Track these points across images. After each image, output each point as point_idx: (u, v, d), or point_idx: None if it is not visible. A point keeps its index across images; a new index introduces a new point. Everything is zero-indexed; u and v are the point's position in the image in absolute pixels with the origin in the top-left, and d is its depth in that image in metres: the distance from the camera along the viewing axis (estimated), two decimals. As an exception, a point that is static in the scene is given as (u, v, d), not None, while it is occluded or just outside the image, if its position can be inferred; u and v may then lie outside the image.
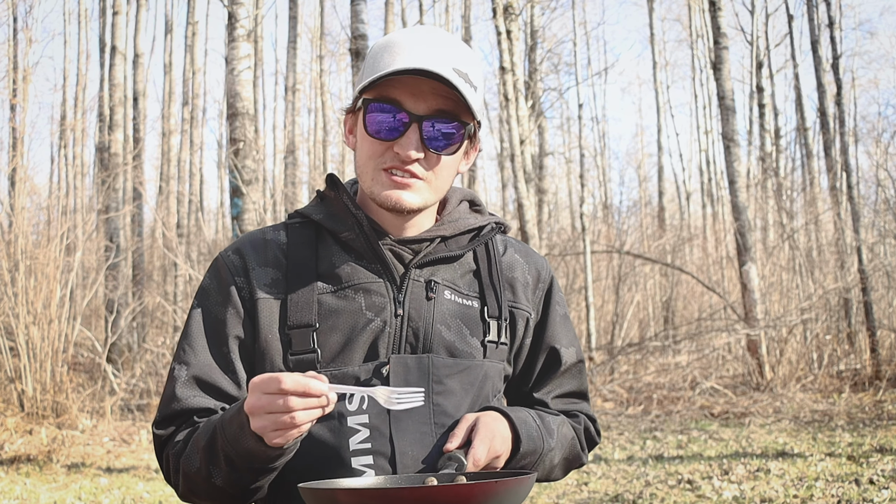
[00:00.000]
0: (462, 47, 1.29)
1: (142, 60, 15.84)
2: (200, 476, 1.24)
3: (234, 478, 1.21)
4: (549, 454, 1.36)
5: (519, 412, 1.34)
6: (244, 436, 1.14)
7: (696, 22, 22.52)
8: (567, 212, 24.76)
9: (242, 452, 1.16)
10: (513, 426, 1.30)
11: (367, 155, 1.29)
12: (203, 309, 1.35)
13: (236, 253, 1.37)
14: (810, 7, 13.11)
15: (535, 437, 1.33)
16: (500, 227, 1.44)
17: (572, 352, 1.48)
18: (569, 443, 1.43)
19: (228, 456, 1.18)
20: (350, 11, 7.63)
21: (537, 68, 16.56)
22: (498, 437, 1.26)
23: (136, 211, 15.14)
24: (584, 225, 13.33)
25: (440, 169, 1.30)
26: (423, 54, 1.23)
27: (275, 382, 1.08)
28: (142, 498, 5.61)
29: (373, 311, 1.31)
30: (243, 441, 1.15)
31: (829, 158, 12.85)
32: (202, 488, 1.26)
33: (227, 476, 1.21)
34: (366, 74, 1.29)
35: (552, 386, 1.47)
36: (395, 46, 1.26)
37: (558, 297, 1.49)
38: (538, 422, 1.36)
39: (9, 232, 8.62)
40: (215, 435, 1.20)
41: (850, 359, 10.66)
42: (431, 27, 1.31)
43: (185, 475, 1.27)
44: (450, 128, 1.27)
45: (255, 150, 7.33)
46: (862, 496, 4.79)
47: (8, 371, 7.86)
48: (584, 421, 1.50)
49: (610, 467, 6.18)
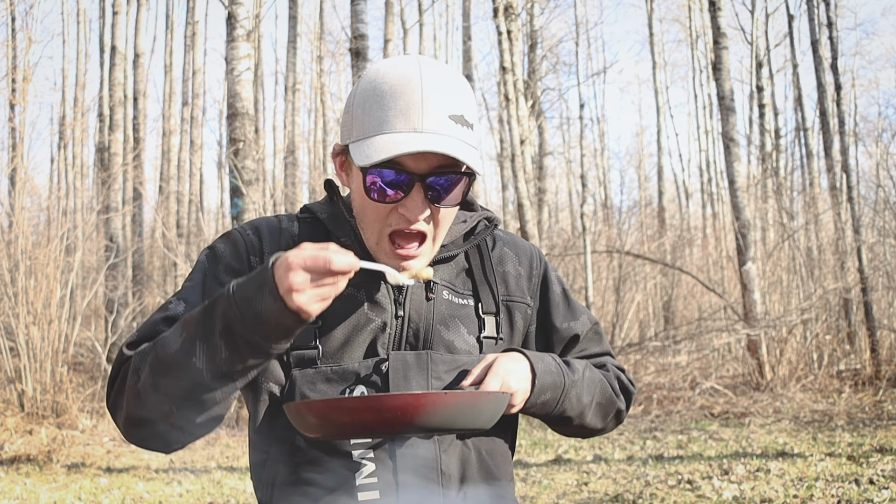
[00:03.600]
0: (453, 83, 1.24)
1: (142, 60, 15.84)
2: (173, 361, 1.13)
3: (221, 358, 1.11)
4: (574, 390, 1.36)
5: (537, 353, 1.35)
6: (262, 296, 1.07)
7: (695, 22, 22.53)
8: (567, 212, 24.77)
9: (253, 315, 1.08)
10: (530, 364, 1.31)
11: (372, 217, 1.27)
12: (209, 270, 1.33)
13: (255, 233, 1.36)
14: (810, 7, 13.11)
15: (553, 371, 1.33)
16: (492, 225, 1.44)
17: (584, 320, 1.49)
18: (598, 386, 1.42)
19: (229, 323, 1.09)
20: (350, 11, 7.63)
21: (537, 68, 16.56)
22: (513, 375, 1.27)
23: (136, 211, 15.14)
24: (585, 225, 13.33)
25: (445, 221, 1.29)
26: (418, 112, 1.19)
27: (322, 262, 1.05)
28: (142, 498, 5.60)
29: (374, 312, 1.32)
30: (258, 302, 1.07)
31: (829, 158, 12.84)
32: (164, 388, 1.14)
33: (212, 355, 1.11)
34: (356, 125, 1.24)
35: (573, 354, 1.48)
36: (387, 99, 1.21)
37: (554, 278, 1.49)
38: (557, 360, 1.36)
39: (9, 232, 8.62)
40: (217, 302, 1.12)
41: (850, 359, 10.66)
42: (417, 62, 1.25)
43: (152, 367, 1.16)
44: (452, 180, 1.24)
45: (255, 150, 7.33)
46: (862, 496, 4.79)
47: (8, 371, 7.86)
48: (612, 369, 1.50)
49: (610, 467, 6.18)
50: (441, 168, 1.23)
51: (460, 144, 1.21)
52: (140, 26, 16.11)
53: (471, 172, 1.25)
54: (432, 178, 1.22)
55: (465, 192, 1.27)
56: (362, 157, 1.20)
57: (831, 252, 11.54)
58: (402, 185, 1.22)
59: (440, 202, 1.24)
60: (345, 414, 1.09)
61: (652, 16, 22.89)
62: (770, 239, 13.03)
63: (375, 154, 1.19)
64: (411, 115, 1.20)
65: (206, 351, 1.11)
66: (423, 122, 1.20)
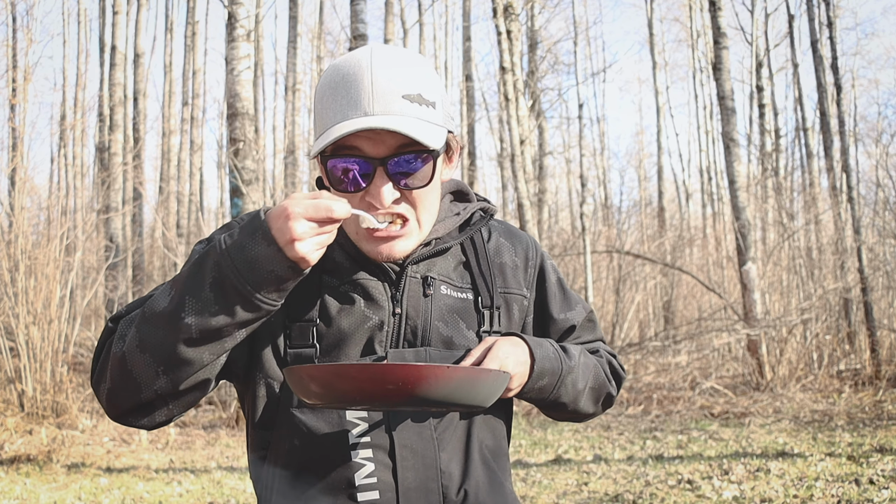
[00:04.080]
0: (406, 63, 1.24)
1: (142, 60, 15.84)
2: (161, 318, 1.12)
3: (212, 311, 1.10)
4: (570, 376, 1.37)
5: (536, 338, 1.36)
6: (255, 243, 1.07)
7: (695, 22, 22.54)
8: (567, 212, 24.77)
9: (246, 262, 1.07)
10: (529, 349, 1.31)
11: None
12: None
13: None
14: (810, 6, 13.12)
15: (551, 357, 1.34)
16: (488, 215, 1.44)
17: (579, 310, 1.51)
18: (591, 371, 1.43)
19: (221, 273, 1.08)
20: (350, 11, 7.64)
21: (536, 68, 16.56)
22: (512, 358, 1.27)
23: (136, 211, 15.15)
24: (585, 225, 13.33)
25: (422, 201, 1.27)
26: (368, 97, 1.19)
27: (325, 210, 1.06)
28: (142, 498, 5.61)
29: (371, 310, 1.32)
30: (252, 248, 1.07)
31: (829, 158, 12.84)
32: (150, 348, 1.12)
33: (202, 309, 1.10)
34: (317, 122, 1.25)
35: (569, 341, 1.49)
36: (339, 90, 1.21)
37: (551, 267, 1.50)
38: (555, 346, 1.37)
39: (9, 232, 8.62)
40: (208, 254, 1.11)
41: (850, 359, 10.66)
42: (370, 49, 1.25)
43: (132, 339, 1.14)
44: (417, 160, 1.22)
45: (255, 150, 7.33)
46: (862, 496, 4.79)
47: (8, 371, 7.86)
48: (605, 355, 1.52)
49: (610, 467, 6.18)
50: (403, 147, 1.21)
51: (413, 122, 1.19)
52: (140, 26, 16.13)
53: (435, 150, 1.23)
54: (393, 160, 1.21)
55: (434, 171, 1.25)
56: (315, 150, 1.21)
57: (831, 252, 11.54)
58: (362, 172, 1.21)
59: (406, 183, 1.23)
60: (347, 381, 1.09)
61: (652, 16, 22.90)
62: (770, 239, 13.03)
63: (322, 142, 1.19)
64: (362, 101, 1.19)
65: (195, 305, 1.10)
66: (374, 106, 1.19)
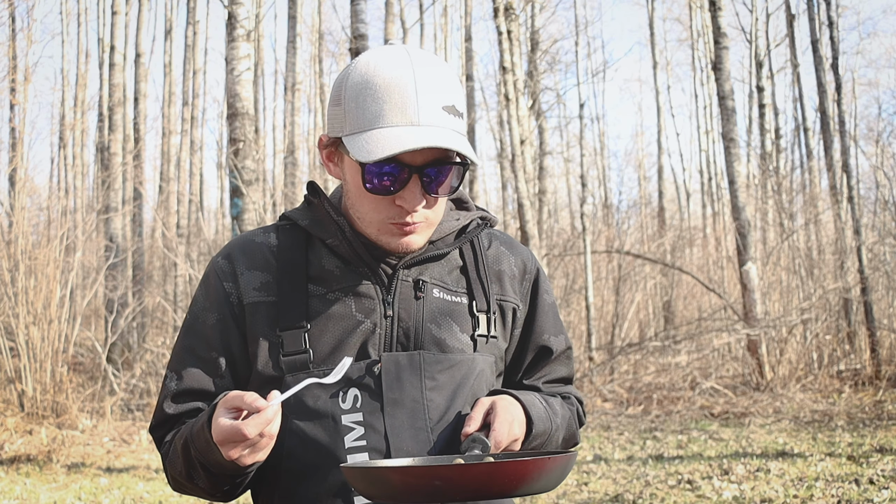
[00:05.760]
0: (444, 74, 1.27)
1: (142, 60, 15.83)
2: (184, 478, 1.31)
3: (215, 481, 1.27)
4: (555, 434, 1.40)
5: (526, 395, 1.37)
6: (212, 451, 1.19)
7: (696, 22, 22.53)
8: (567, 212, 24.76)
9: (214, 463, 1.21)
10: (525, 409, 1.33)
11: (371, 209, 1.29)
12: (192, 315, 1.39)
13: (226, 258, 1.39)
14: (810, 6, 13.11)
15: (543, 418, 1.36)
16: (485, 223, 1.45)
17: (561, 340, 1.51)
18: (567, 422, 1.46)
19: (203, 465, 1.24)
20: (350, 11, 7.63)
21: (536, 67, 16.56)
22: (516, 421, 1.29)
23: (136, 211, 15.14)
24: (585, 225, 13.32)
25: (439, 205, 1.32)
26: (414, 106, 1.22)
27: (239, 435, 1.13)
28: (142, 498, 5.61)
29: (363, 314, 1.32)
30: (213, 455, 1.20)
31: (828, 158, 12.84)
32: (189, 488, 1.35)
33: (206, 480, 1.27)
34: (350, 119, 1.25)
35: (543, 373, 1.50)
36: (380, 91, 1.23)
37: (545, 287, 1.50)
38: (544, 404, 1.39)
39: (9, 232, 8.63)
40: (188, 445, 1.26)
41: (850, 359, 10.66)
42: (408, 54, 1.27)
43: (172, 476, 1.36)
44: (447, 171, 1.27)
45: (255, 150, 7.33)
46: (862, 496, 4.79)
47: (8, 371, 7.86)
48: (574, 402, 1.54)
49: (610, 467, 6.18)
50: (437, 160, 1.26)
51: (455, 136, 1.24)
52: (140, 26, 16.12)
53: (463, 161, 1.29)
54: (428, 169, 1.25)
55: (460, 181, 1.31)
56: (363, 153, 1.21)
57: (831, 252, 11.55)
58: (400, 177, 1.25)
59: (435, 192, 1.27)
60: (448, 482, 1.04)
61: (653, 15, 22.89)
62: (770, 239, 13.02)
63: (378, 150, 1.20)
64: (407, 110, 1.22)
65: (199, 478, 1.28)
66: (420, 116, 1.22)
